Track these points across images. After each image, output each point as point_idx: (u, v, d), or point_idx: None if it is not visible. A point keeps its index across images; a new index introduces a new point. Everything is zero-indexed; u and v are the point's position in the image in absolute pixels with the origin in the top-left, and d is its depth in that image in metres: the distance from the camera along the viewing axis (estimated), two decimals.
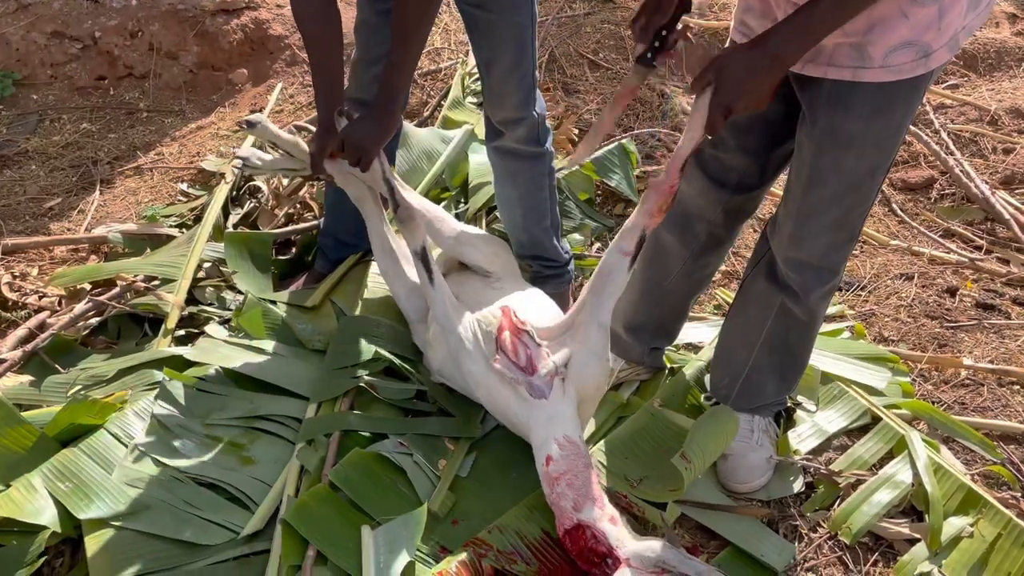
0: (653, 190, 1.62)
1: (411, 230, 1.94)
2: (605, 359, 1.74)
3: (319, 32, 1.89)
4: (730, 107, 1.42)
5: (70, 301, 2.40)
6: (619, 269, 1.69)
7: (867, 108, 1.45)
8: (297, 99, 3.50)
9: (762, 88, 1.40)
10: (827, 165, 1.53)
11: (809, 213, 1.60)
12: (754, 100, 1.41)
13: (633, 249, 1.67)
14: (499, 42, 2.00)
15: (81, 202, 2.98)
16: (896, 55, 1.39)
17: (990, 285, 2.61)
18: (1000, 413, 2.13)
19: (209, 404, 1.93)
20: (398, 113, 1.92)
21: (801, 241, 1.64)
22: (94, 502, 1.68)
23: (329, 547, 1.64)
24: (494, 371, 1.77)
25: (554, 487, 1.63)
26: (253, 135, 2.20)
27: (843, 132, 1.48)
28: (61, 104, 3.57)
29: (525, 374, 1.73)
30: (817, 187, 1.56)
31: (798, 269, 1.69)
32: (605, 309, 1.71)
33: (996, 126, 3.31)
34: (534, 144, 2.18)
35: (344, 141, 1.90)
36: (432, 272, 1.92)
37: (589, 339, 1.72)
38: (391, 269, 2.15)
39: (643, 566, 1.50)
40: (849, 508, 1.83)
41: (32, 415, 1.87)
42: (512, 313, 1.81)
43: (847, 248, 1.69)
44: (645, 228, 1.66)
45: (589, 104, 3.43)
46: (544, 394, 1.71)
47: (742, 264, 2.67)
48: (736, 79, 1.40)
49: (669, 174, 1.60)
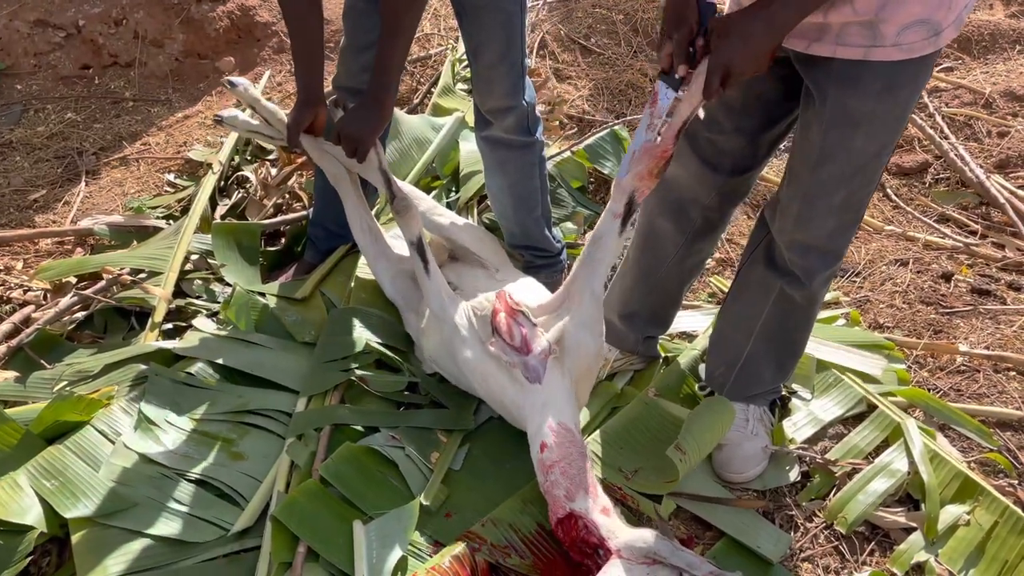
0: (646, 153, 1.61)
1: (407, 220, 1.93)
2: (599, 331, 1.73)
3: (300, 9, 1.87)
4: (728, 71, 1.43)
5: (55, 295, 2.37)
6: (609, 232, 1.69)
7: (877, 87, 1.45)
8: (285, 87, 3.45)
9: (761, 52, 1.40)
10: (836, 145, 1.52)
11: (816, 194, 1.59)
12: (752, 65, 1.42)
13: (623, 211, 1.66)
14: (487, 30, 1.96)
15: (66, 194, 2.94)
16: (908, 33, 1.39)
17: (985, 270, 2.59)
18: (996, 400, 2.12)
19: (197, 399, 1.91)
20: (391, 103, 1.90)
21: (809, 222, 1.62)
22: (81, 500, 1.65)
23: (320, 543, 1.62)
24: (490, 355, 1.76)
25: (548, 474, 1.61)
26: (235, 95, 2.18)
27: (853, 111, 1.48)
28: (45, 94, 3.52)
29: (520, 354, 1.71)
30: (825, 167, 1.55)
31: (803, 252, 1.68)
32: (598, 277, 1.70)
33: (991, 109, 3.29)
34: (524, 133, 2.15)
35: (339, 133, 1.89)
36: (428, 262, 1.91)
37: (582, 310, 1.72)
38: (372, 248, 2.14)
39: (634, 557, 1.48)
40: (845, 497, 1.82)
41: (17, 412, 1.84)
42: (507, 295, 1.80)
43: (851, 231, 1.68)
44: (635, 191, 1.65)
45: (581, 90, 3.40)
46: (539, 377, 1.69)
47: (736, 251, 2.65)
48: (735, 44, 1.40)
49: (664, 139, 1.59)
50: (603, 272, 1.71)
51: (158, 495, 1.70)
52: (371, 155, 1.94)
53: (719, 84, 1.44)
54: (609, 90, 3.42)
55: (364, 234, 2.15)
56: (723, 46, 1.42)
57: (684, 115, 1.56)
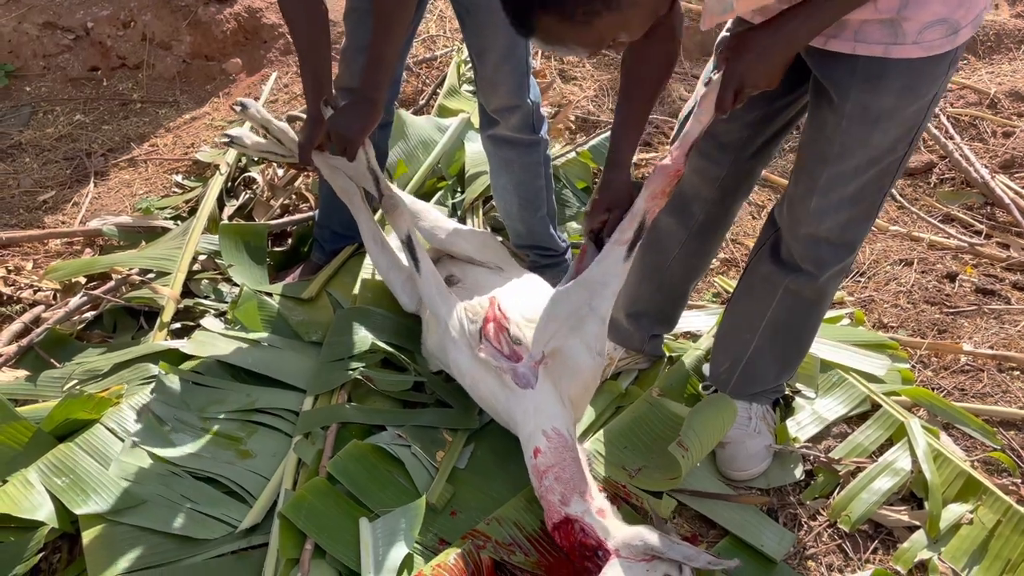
0: (658, 173, 1.61)
1: (396, 218, 1.95)
2: (599, 355, 1.71)
3: (304, 22, 1.87)
4: (742, 86, 1.45)
5: (65, 295, 2.39)
6: (616, 259, 1.65)
7: (898, 84, 1.46)
8: (291, 89, 3.47)
9: (776, 67, 1.43)
10: (854, 142, 1.53)
11: (830, 188, 1.59)
12: (766, 80, 1.44)
13: (632, 237, 1.65)
14: (491, 30, 1.97)
15: (75, 195, 2.96)
16: (929, 31, 1.40)
17: (990, 270, 2.59)
18: (1000, 399, 2.12)
19: (205, 397, 1.92)
20: (382, 101, 1.89)
21: (823, 216, 1.63)
22: (91, 497, 1.67)
23: (327, 540, 1.63)
24: (479, 361, 1.76)
25: (542, 480, 1.62)
26: (244, 118, 2.19)
27: (874, 109, 1.49)
28: (54, 96, 3.54)
29: (510, 361, 1.71)
30: (841, 163, 1.56)
31: (815, 246, 1.68)
32: (605, 300, 1.67)
33: (996, 109, 3.29)
34: (529, 132, 2.17)
35: (329, 131, 1.89)
36: (419, 260, 1.92)
37: (585, 332, 1.69)
38: (384, 261, 2.15)
39: (632, 555, 1.49)
40: (849, 496, 1.83)
41: (27, 410, 1.86)
42: (497, 305, 1.80)
43: (865, 226, 1.68)
44: (646, 213, 1.64)
45: (586, 91, 3.41)
46: (530, 383, 1.69)
47: (742, 251, 2.65)
48: (750, 59, 1.42)
49: (675, 158, 1.60)
50: (610, 295, 1.67)
51: (167, 492, 1.72)
52: (360, 154, 1.94)
53: (732, 100, 1.46)
54: (614, 91, 3.43)
55: (376, 246, 2.14)
56: (738, 62, 1.44)
57: (696, 133, 1.57)
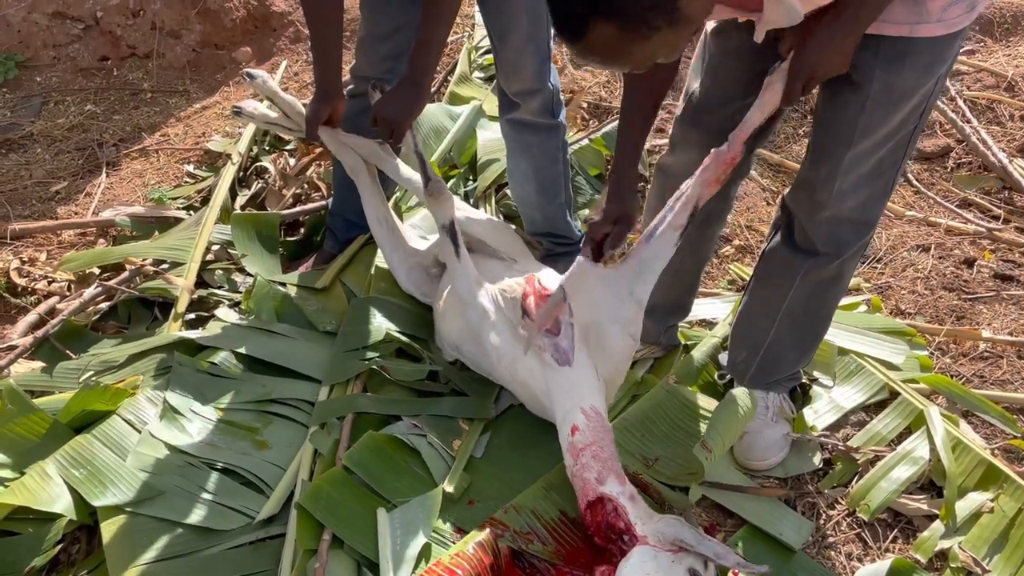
0: (714, 160, 1.62)
1: (441, 203, 1.93)
2: (633, 336, 1.74)
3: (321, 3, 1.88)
4: (813, 76, 1.45)
5: (79, 286, 2.39)
6: (668, 242, 1.69)
7: (921, 63, 1.46)
8: (302, 77, 3.46)
9: (847, 53, 1.43)
10: (877, 121, 1.52)
11: (851, 168, 1.59)
12: (838, 66, 1.44)
13: (686, 222, 1.67)
14: (513, 11, 1.96)
15: (87, 185, 2.96)
16: (952, 9, 1.41)
17: (1008, 255, 2.57)
18: (1020, 386, 2.10)
19: (221, 388, 1.92)
20: (429, 86, 1.92)
21: (844, 196, 1.62)
22: (109, 489, 1.68)
23: (345, 530, 1.64)
24: (518, 340, 1.76)
25: (579, 458, 1.62)
26: (253, 88, 2.19)
27: (897, 88, 1.49)
28: (65, 86, 3.54)
29: (551, 336, 1.71)
30: (863, 143, 1.55)
31: (837, 227, 1.67)
32: (646, 284, 1.71)
33: (1013, 92, 3.25)
34: (548, 116, 2.16)
35: (376, 115, 1.90)
36: (459, 245, 1.92)
37: (622, 314, 1.72)
38: (388, 240, 2.15)
39: (661, 544, 1.48)
40: (867, 484, 1.82)
41: (44, 402, 1.87)
42: (537, 279, 1.81)
43: (882, 202, 1.68)
44: (699, 199, 1.66)
45: (598, 77, 3.38)
46: (569, 359, 1.69)
47: (756, 238, 2.63)
48: (820, 48, 1.42)
49: (733, 145, 1.60)
50: (651, 279, 1.72)
51: (184, 483, 1.72)
52: (407, 137, 1.95)
53: (800, 90, 1.46)
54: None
55: (380, 226, 2.16)
56: (808, 52, 1.43)
57: (756, 122, 1.57)
